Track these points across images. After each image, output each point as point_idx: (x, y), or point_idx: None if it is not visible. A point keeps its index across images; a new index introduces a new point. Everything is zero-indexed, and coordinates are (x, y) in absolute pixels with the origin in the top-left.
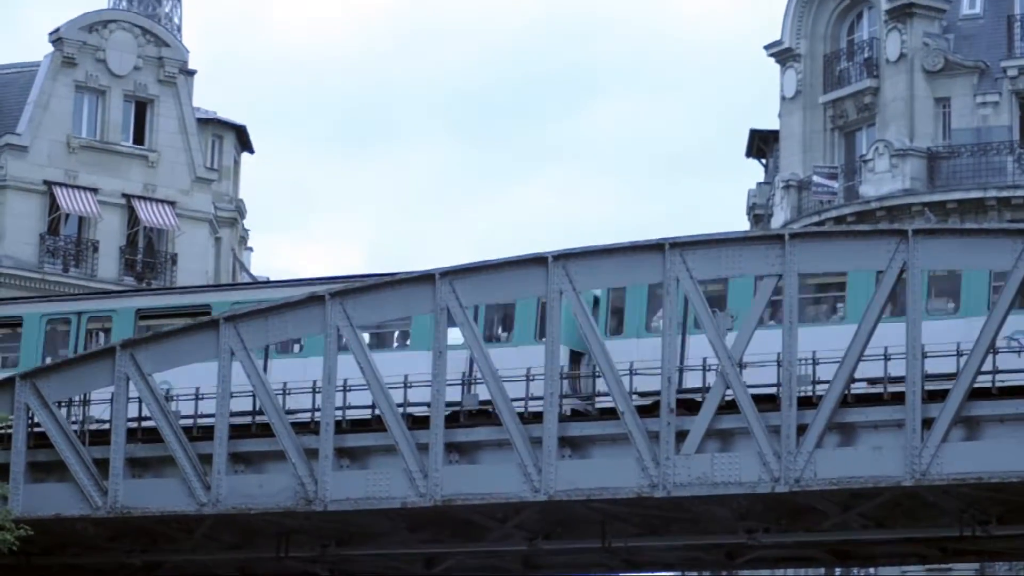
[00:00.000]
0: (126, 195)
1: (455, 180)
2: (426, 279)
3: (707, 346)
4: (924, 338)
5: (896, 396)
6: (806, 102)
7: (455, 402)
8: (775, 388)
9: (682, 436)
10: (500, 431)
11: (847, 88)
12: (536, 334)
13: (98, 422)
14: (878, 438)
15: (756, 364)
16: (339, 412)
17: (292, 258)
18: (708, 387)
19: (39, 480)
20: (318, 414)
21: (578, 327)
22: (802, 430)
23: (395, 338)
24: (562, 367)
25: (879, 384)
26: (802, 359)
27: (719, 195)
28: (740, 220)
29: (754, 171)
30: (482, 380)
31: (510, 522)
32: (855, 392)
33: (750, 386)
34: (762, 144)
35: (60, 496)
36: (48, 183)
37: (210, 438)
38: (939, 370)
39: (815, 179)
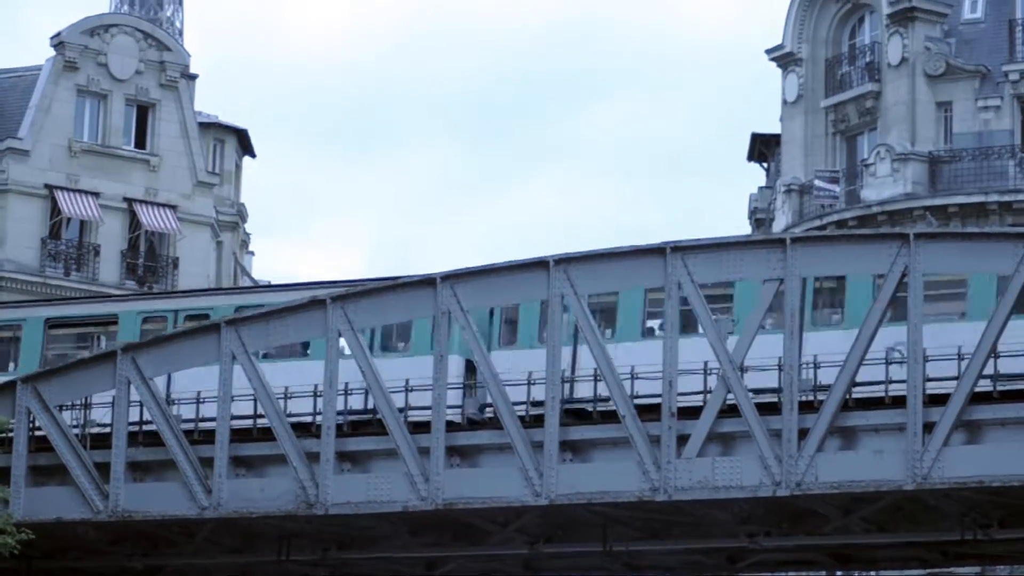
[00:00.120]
0: (127, 199)
1: (456, 182)
2: (427, 283)
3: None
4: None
5: (897, 400)
6: (808, 106)
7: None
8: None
9: (683, 440)
10: (501, 435)
11: (849, 92)
12: (431, 345)
13: (99, 426)
14: (879, 442)
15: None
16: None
17: (293, 262)
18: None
19: (40, 484)
20: (319, 417)
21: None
22: (803, 434)
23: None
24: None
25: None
26: (805, 363)
27: (720, 199)
28: (742, 224)
29: (756, 175)
30: (483, 385)
31: (511, 526)
32: (856, 396)
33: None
34: (764, 148)
35: (61, 500)
36: (49, 187)
37: (211, 442)
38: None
39: (817, 183)
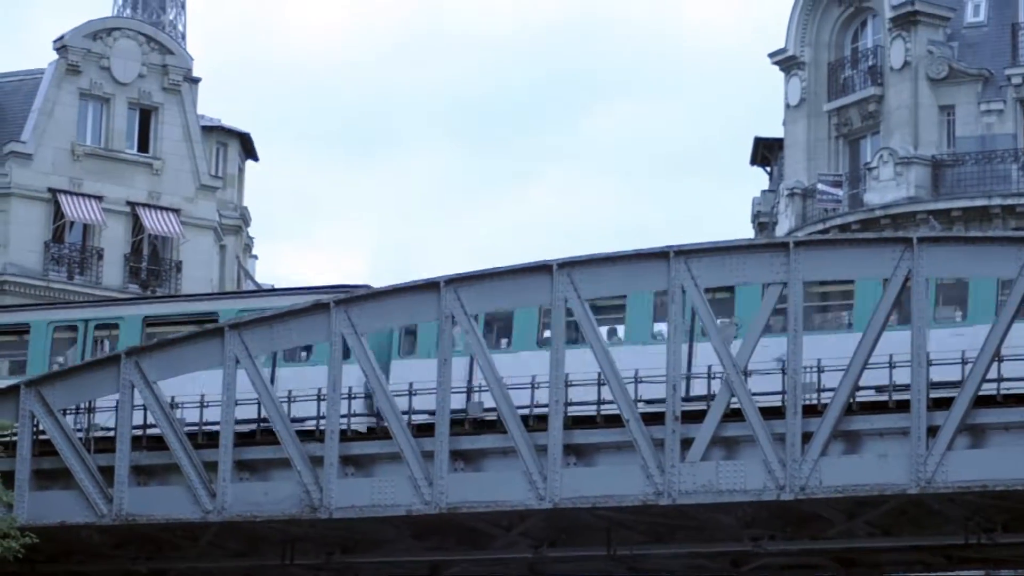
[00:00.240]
0: (131, 203)
1: (458, 185)
2: (431, 287)
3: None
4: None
5: (901, 404)
6: (810, 110)
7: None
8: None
9: (687, 444)
10: (505, 439)
11: (851, 96)
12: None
13: (103, 430)
14: (883, 446)
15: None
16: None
17: (296, 265)
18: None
19: (44, 488)
20: (323, 422)
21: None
22: (807, 438)
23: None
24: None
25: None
26: (807, 367)
27: (723, 203)
28: (744, 228)
29: (758, 179)
30: (487, 388)
31: (515, 530)
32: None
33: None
34: (766, 152)
35: (65, 504)
36: (53, 191)
37: (215, 446)
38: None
39: (820, 187)
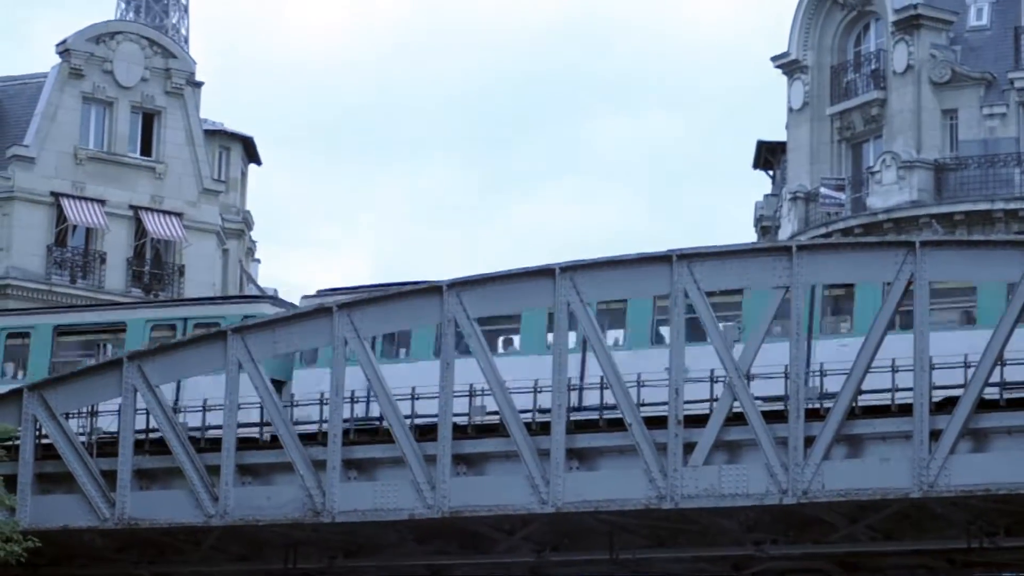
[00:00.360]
0: (133, 206)
1: (462, 190)
2: (433, 291)
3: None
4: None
5: (904, 408)
6: (813, 114)
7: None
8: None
9: (690, 448)
10: (508, 443)
11: (854, 100)
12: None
13: (106, 433)
14: (886, 450)
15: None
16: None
17: (299, 270)
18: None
19: (47, 492)
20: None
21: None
22: (810, 442)
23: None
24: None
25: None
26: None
27: (726, 206)
28: (747, 232)
29: (761, 183)
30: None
31: (518, 534)
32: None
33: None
34: (769, 156)
35: (68, 508)
36: (55, 194)
37: (218, 450)
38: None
39: (822, 191)
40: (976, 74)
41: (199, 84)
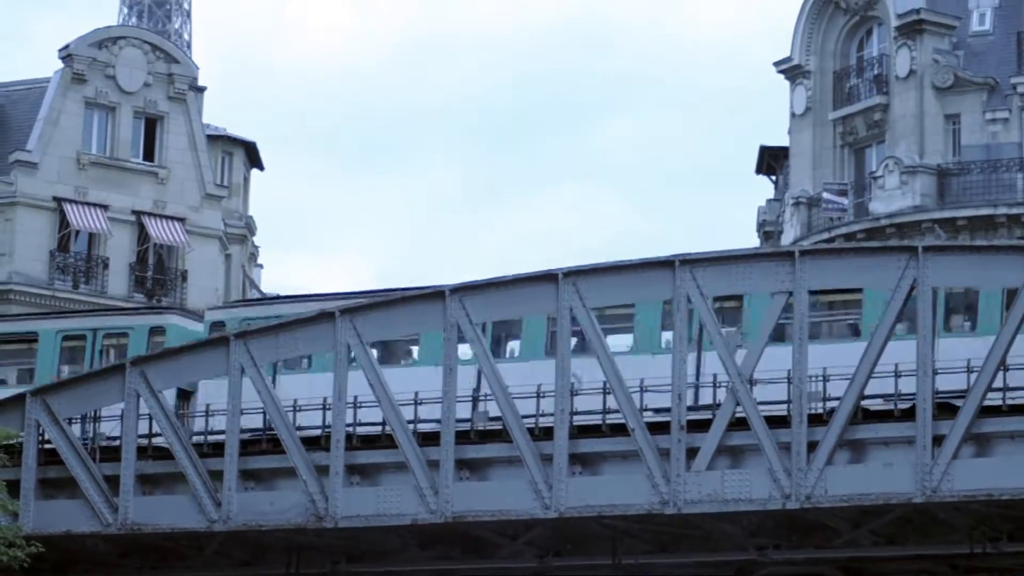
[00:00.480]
0: (136, 212)
1: (466, 195)
2: (436, 296)
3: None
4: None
5: (907, 413)
6: (816, 119)
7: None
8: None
9: (693, 453)
10: (511, 448)
11: (857, 105)
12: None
13: (108, 439)
14: (889, 455)
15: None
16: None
17: (302, 275)
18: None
19: (50, 497)
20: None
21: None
22: (813, 447)
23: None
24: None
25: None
26: (812, 376)
27: (728, 211)
28: (750, 237)
29: (764, 188)
30: (492, 397)
31: (521, 539)
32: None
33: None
34: (772, 161)
35: (70, 513)
36: (58, 200)
37: (221, 455)
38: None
39: (825, 196)
40: (979, 79)
41: (202, 89)
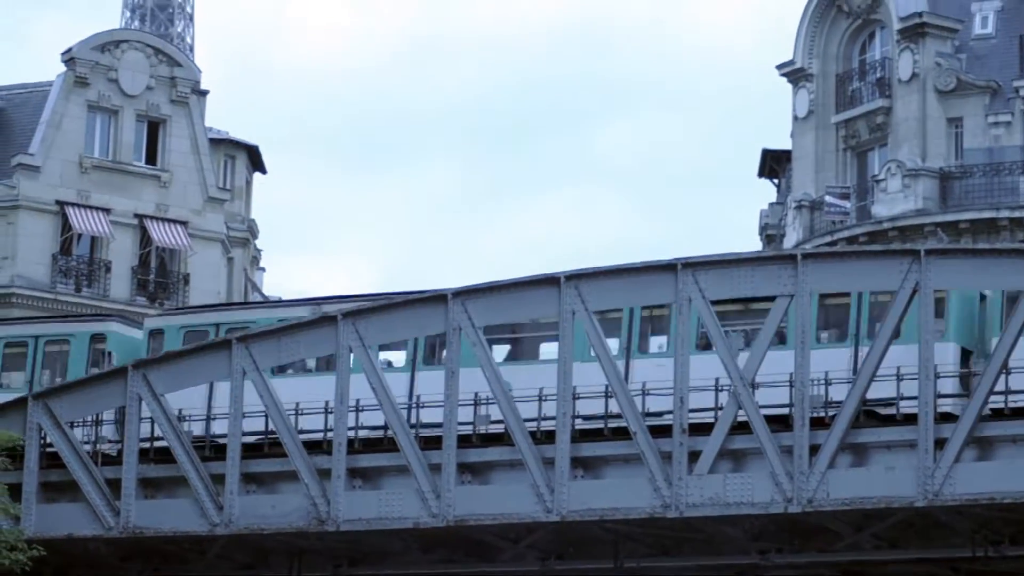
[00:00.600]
0: (138, 215)
1: (467, 197)
2: (438, 299)
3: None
4: None
5: (909, 416)
6: (818, 122)
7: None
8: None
9: (695, 456)
10: (513, 451)
11: (859, 108)
12: None
13: (110, 442)
14: (891, 458)
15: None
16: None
17: (305, 278)
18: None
19: (51, 500)
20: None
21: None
22: (815, 450)
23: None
24: None
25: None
26: (814, 380)
27: (731, 215)
28: (752, 240)
29: (766, 191)
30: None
31: (523, 542)
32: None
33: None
34: (774, 164)
35: (72, 516)
36: (60, 203)
37: (222, 458)
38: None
39: (827, 199)
40: (981, 82)
41: (204, 93)
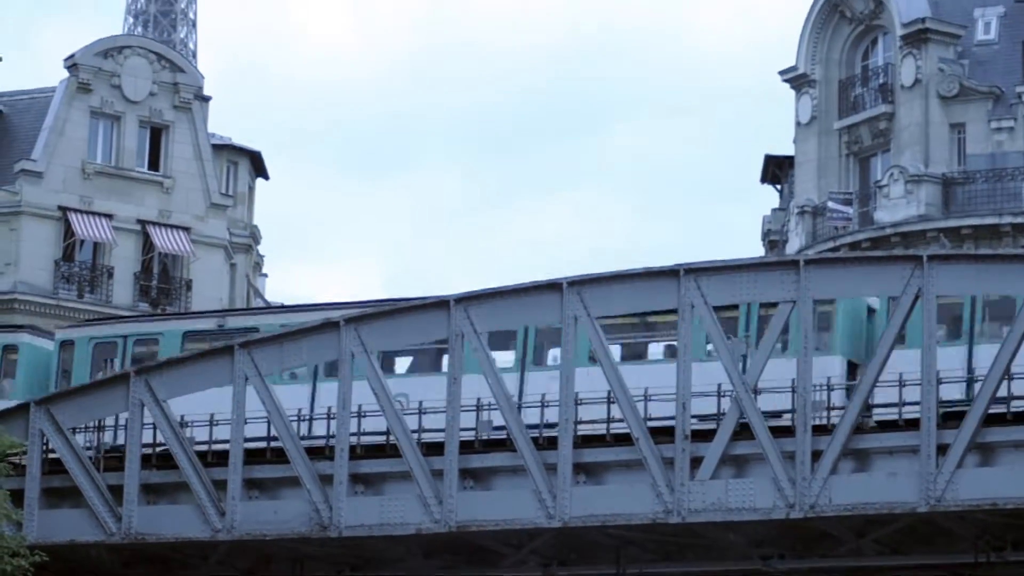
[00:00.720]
0: (141, 221)
1: (470, 203)
2: (441, 305)
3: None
4: None
5: (911, 422)
6: (821, 128)
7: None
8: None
9: (697, 462)
10: (515, 457)
11: (862, 114)
12: None
13: (112, 448)
14: (893, 464)
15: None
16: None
17: (307, 284)
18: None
19: (53, 506)
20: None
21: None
22: (817, 456)
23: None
24: None
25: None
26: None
27: (733, 220)
28: (755, 246)
29: (769, 197)
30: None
31: (525, 548)
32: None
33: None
34: (777, 170)
35: (74, 522)
36: (63, 209)
37: (225, 464)
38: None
39: (830, 205)
40: (984, 88)
41: (207, 99)
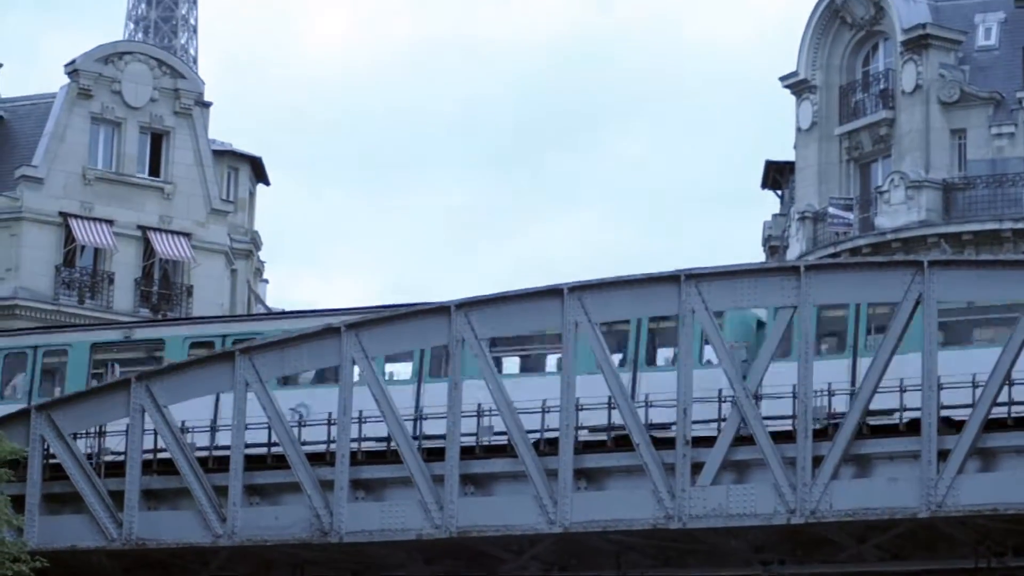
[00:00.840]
0: (142, 227)
1: (472, 212)
2: (442, 311)
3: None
4: None
5: (912, 427)
6: (822, 133)
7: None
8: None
9: (697, 468)
10: (515, 463)
11: (863, 119)
12: None
13: (113, 454)
14: (894, 469)
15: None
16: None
17: (308, 290)
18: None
19: (54, 512)
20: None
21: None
22: (818, 461)
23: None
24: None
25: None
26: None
27: (734, 226)
28: (756, 252)
29: (770, 202)
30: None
31: (526, 554)
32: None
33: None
34: (778, 175)
35: (75, 528)
36: (64, 215)
37: (225, 470)
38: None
39: (831, 211)
40: (984, 94)
41: (208, 104)
